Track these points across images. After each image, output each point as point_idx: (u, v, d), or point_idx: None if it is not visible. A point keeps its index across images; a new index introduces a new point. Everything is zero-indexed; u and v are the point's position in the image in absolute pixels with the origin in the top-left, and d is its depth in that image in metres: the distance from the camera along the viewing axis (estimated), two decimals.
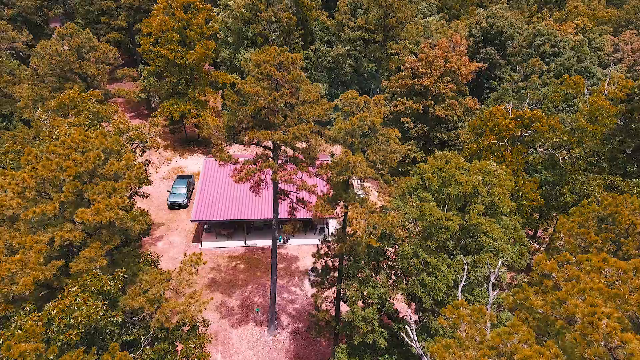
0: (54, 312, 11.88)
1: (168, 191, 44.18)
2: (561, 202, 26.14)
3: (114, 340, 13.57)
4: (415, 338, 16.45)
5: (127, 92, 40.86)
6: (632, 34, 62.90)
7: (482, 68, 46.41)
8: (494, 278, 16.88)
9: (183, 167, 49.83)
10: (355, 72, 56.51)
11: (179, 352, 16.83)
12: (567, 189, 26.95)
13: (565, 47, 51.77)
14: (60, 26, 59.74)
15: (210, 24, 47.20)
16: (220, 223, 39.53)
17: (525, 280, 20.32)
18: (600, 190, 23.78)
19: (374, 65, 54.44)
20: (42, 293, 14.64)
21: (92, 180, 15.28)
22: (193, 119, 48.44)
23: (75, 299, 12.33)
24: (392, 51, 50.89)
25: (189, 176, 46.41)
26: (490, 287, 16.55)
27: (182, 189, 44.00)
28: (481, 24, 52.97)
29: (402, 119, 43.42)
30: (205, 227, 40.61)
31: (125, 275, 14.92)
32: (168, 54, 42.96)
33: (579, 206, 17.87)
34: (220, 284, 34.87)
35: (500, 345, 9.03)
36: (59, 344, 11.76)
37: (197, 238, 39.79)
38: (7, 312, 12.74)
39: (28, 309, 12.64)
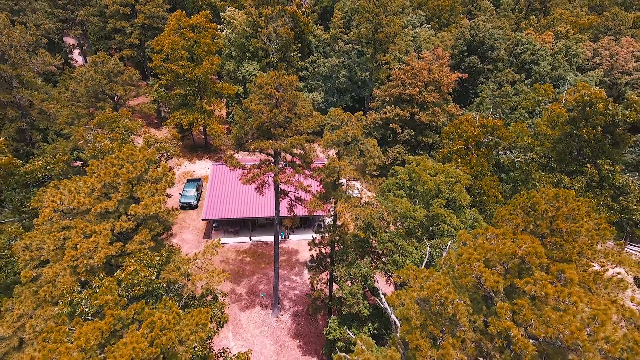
0: (122, 275, 17.24)
1: (179, 193, 49.52)
2: None
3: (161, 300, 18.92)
4: (386, 304, 21.76)
5: (149, 107, 46.41)
6: (610, 39, 68.00)
7: (463, 78, 51.59)
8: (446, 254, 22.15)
9: (192, 171, 55.24)
10: (350, 80, 61.90)
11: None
12: (526, 186, 32.21)
13: (543, 55, 57.05)
14: (75, 43, 65.51)
15: (215, 41, 52.63)
16: (228, 221, 44.88)
17: None
18: (549, 186, 28.98)
19: (366, 74, 59.81)
20: (106, 269, 20.00)
21: (139, 183, 20.69)
22: (200, 127, 53.93)
23: (135, 269, 17.69)
24: (383, 61, 56.22)
25: (198, 180, 51.81)
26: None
27: (192, 192, 49.38)
28: (465, 35, 58.29)
29: (391, 125, 48.73)
30: (214, 225, 45.97)
31: (166, 254, 20.29)
32: (178, 69, 48.42)
33: (512, 198, 23.09)
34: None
35: (422, 284, 14.36)
36: (127, 298, 17.16)
37: (207, 235, 45.16)
38: (87, 278, 18.07)
39: (102, 275, 18.00)
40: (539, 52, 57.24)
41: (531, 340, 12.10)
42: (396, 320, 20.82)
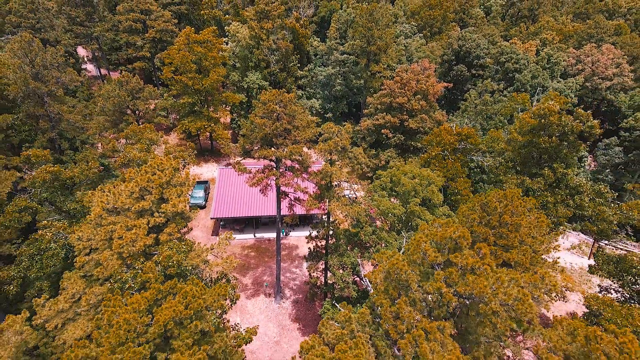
0: (160, 259, 22.58)
1: (189, 195, 54.82)
2: None
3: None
4: (367, 280, 27.02)
5: (166, 120, 51.83)
6: (592, 47, 73.06)
7: (448, 87, 56.79)
8: None
9: (199, 174, 60.58)
10: (346, 87, 67.10)
11: None
12: (502, 186, 37.45)
13: (525, 64, 62.25)
14: (90, 56, 70.98)
15: (220, 54, 57.95)
16: (234, 219, 50.22)
17: None
18: (514, 187, 34.23)
19: (361, 82, 65.01)
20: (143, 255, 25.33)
21: (167, 187, 26.03)
22: (207, 133, 59.29)
23: (169, 254, 23.03)
24: (375, 71, 61.45)
25: (205, 182, 57.18)
26: None
27: (200, 193, 54.77)
28: (453, 45, 63.51)
29: (382, 131, 54.03)
30: (221, 223, 51.33)
31: (190, 244, 25.62)
32: (187, 81, 53.73)
33: (472, 197, 28.28)
34: (235, 267, 45.45)
35: (387, 262, 19.69)
36: (163, 277, 22.50)
37: (215, 232, 50.54)
38: (131, 262, 23.42)
39: (142, 259, 23.32)
40: (521, 61, 62.44)
41: (463, 298, 17.44)
42: None
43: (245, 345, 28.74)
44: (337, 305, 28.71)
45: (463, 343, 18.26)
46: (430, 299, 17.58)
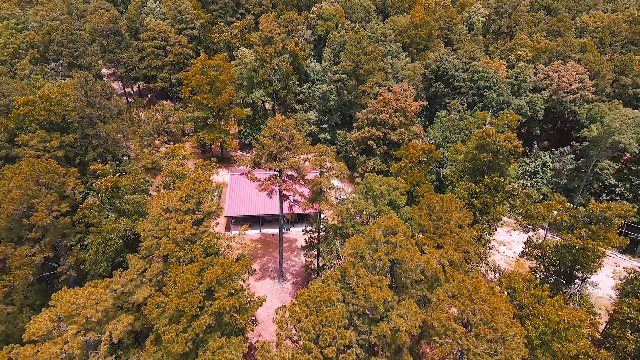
0: (202, 242, 34.55)
1: None
2: None
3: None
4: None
5: (191, 138, 64.01)
6: (560, 63, 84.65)
7: (424, 105, 68.63)
8: None
9: (211, 179, 72.49)
10: (340, 101, 78.91)
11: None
12: (451, 191, 49.31)
13: (494, 82, 74.06)
14: (118, 73, 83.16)
15: (230, 75, 69.94)
16: (243, 217, 62.17)
17: None
18: (464, 191, 46.10)
19: (352, 97, 76.87)
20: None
21: (204, 193, 38.01)
22: (218, 143, 71.36)
23: (208, 239, 35.00)
24: (363, 89, 73.30)
25: (217, 186, 69.09)
26: None
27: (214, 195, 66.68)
28: (431, 66, 75.34)
29: (368, 142, 65.96)
30: (232, 220, 63.27)
31: (219, 235, 37.59)
32: (202, 100, 65.70)
33: (421, 199, 39.97)
34: (249, 252, 57.32)
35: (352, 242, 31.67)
36: (204, 254, 34.52)
37: (227, 228, 62.54)
38: (181, 245, 35.39)
39: (189, 243, 35.32)
40: (491, 79, 74.24)
41: (394, 262, 29.43)
42: None
43: (257, 308, 40.79)
44: None
45: (397, 291, 30.24)
46: (375, 264, 29.54)
